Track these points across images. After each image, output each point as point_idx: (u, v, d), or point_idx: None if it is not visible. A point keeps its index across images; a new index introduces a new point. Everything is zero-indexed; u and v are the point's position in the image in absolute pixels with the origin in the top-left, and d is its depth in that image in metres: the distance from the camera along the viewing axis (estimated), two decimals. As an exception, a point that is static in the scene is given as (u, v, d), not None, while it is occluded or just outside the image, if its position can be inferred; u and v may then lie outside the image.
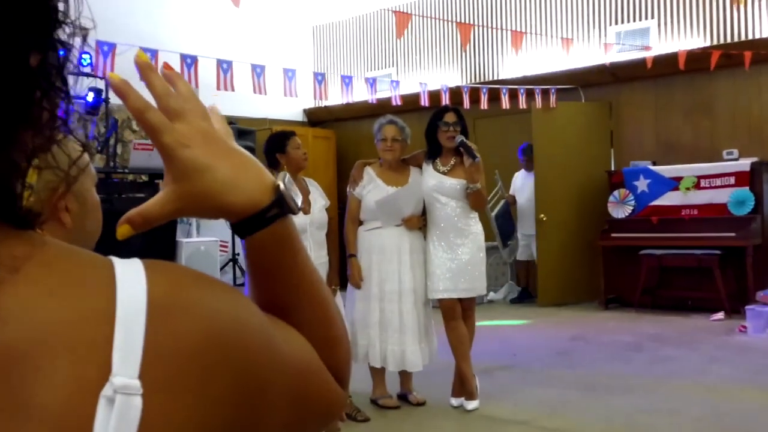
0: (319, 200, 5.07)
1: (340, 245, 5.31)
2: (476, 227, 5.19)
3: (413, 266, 5.12)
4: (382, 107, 9.77)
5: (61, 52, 0.64)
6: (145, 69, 0.73)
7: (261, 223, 0.76)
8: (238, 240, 7.57)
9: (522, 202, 9.68)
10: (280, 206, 0.77)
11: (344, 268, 5.24)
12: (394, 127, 5.20)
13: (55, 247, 0.64)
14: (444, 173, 5.15)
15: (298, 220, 4.81)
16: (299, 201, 0.85)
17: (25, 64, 0.61)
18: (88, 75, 7.56)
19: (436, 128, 5.14)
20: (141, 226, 0.75)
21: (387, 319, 5.07)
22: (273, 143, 5.03)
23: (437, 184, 5.12)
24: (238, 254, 10.16)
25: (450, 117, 5.11)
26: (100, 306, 0.60)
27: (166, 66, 0.77)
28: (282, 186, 0.77)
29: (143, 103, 0.71)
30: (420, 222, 5.21)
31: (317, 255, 4.93)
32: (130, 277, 0.62)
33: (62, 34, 0.64)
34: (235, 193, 0.74)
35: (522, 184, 9.72)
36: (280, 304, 0.79)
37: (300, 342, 0.77)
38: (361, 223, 5.28)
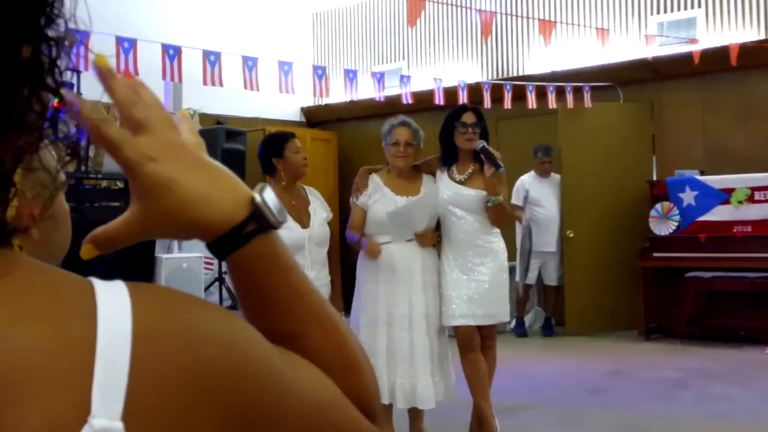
0: (320, 212, 5.07)
1: (343, 264, 5.31)
2: (498, 245, 5.19)
3: (425, 288, 5.11)
4: (391, 106, 9.78)
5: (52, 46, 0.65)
6: (105, 75, 0.73)
7: (238, 241, 0.77)
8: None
9: (544, 214, 9.54)
10: (258, 220, 0.77)
11: (349, 291, 5.24)
12: (407, 129, 5.19)
13: (30, 266, 0.64)
14: (461, 182, 5.15)
15: (295, 234, 4.81)
16: (282, 214, 0.84)
17: (16, 55, 0.61)
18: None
19: (453, 130, 5.14)
20: (105, 247, 0.76)
21: (396, 348, 5.06)
22: (269, 146, 5.04)
23: (453, 195, 5.12)
24: (226, 272, 10.19)
25: (468, 117, 5.12)
26: (78, 335, 0.60)
27: (127, 74, 0.77)
28: (259, 198, 0.78)
29: (100, 115, 0.72)
30: (434, 238, 5.21)
31: (317, 275, 4.93)
32: (113, 301, 0.62)
33: (53, 30, 0.65)
34: (205, 209, 0.74)
35: (541, 193, 9.58)
36: (281, 332, 0.78)
37: (313, 373, 0.77)
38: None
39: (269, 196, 0.79)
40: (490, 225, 5.13)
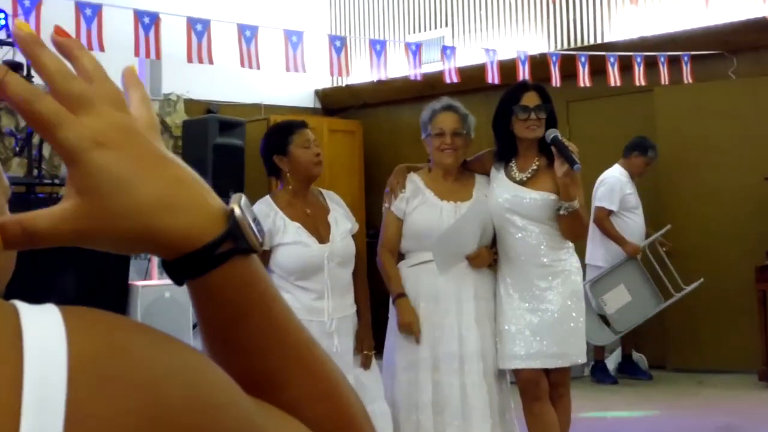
0: (343, 223, 5.09)
1: (373, 289, 5.30)
2: (570, 263, 5.17)
3: (480, 320, 5.10)
4: (431, 86, 9.79)
5: None
6: (28, 44, 0.73)
7: (208, 263, 0.76)
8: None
9: (638, 223, 9.40)
10: (237, 240, 0.77)
11: (381, 324, 5.24)
12: (454, 115, 5.20)
13: None
14: (522, 182, 5.13)
15: (311, 252, 4.84)
16: (263, 234, 0.86)
17: None
18: (1, 43, 7.68)
19: (510, 115, 5.13)
20: (16, 242, 0.73)
21: (444, 397, 5.04)
22: (270, 140, 5.07)
23: (511, 199, 5.10)
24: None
25: (530, 98, 5.10)
26: (1, 373, 0.61)
27: (59, 31, 0.77)
28: (239, 211, 0.78)
29: (30, 90, 0.71)
30: (491, 257, 5.20)
31: (339, 304, 4.93)
32: (44, 331, 0.63)
33: None
34: (168, 216, 0.74)
35: (636, 197, 9.43)
36: (257, 379, 0.79)
37: (296, 430, 0.77)
38: (401, 255, 5.29)
39: (249, 210, 0.80)
40: (560, 237, 5.11)
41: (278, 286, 4.69)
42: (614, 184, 9.23)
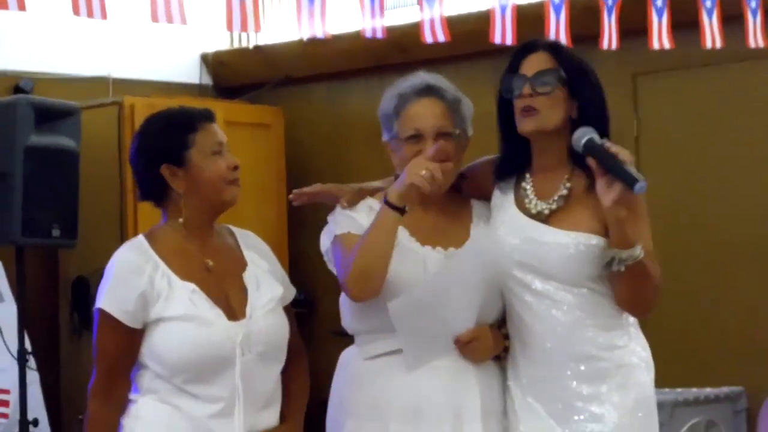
0: (269, 286, 5.00)
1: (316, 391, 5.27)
2: (632, 352, 5.06)
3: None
4: (401, 49, 9.89)
5: None
6: None
7: None
8: (36, 389, 7.59)
9: None
10: None
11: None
12: (437, 103, 5.12)
13: None
14: (543, 217, 5.01)
15: (213, 333, 4.68)
16: None
17: None
18: None
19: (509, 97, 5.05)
20: None
21: None
22: (154, 140, 4.90)
23: (524, 247, 4.98)
24: (37, 421, 10.12)
25: (533, 62, 4.96)
26: None
27: None
28: None
29: None
30: (499, 344, 5.19)
31: (255, 423, 4.83)
32: None
33: None
34: None
35: None
36: None
37: None
38: (351, 337, 5.29)
39: None
40: (612, 309, 4.98)
41: (152, 390, 4.72)
42: None
